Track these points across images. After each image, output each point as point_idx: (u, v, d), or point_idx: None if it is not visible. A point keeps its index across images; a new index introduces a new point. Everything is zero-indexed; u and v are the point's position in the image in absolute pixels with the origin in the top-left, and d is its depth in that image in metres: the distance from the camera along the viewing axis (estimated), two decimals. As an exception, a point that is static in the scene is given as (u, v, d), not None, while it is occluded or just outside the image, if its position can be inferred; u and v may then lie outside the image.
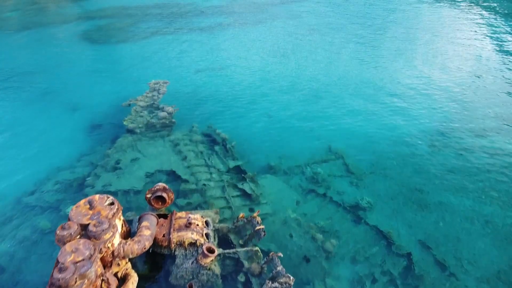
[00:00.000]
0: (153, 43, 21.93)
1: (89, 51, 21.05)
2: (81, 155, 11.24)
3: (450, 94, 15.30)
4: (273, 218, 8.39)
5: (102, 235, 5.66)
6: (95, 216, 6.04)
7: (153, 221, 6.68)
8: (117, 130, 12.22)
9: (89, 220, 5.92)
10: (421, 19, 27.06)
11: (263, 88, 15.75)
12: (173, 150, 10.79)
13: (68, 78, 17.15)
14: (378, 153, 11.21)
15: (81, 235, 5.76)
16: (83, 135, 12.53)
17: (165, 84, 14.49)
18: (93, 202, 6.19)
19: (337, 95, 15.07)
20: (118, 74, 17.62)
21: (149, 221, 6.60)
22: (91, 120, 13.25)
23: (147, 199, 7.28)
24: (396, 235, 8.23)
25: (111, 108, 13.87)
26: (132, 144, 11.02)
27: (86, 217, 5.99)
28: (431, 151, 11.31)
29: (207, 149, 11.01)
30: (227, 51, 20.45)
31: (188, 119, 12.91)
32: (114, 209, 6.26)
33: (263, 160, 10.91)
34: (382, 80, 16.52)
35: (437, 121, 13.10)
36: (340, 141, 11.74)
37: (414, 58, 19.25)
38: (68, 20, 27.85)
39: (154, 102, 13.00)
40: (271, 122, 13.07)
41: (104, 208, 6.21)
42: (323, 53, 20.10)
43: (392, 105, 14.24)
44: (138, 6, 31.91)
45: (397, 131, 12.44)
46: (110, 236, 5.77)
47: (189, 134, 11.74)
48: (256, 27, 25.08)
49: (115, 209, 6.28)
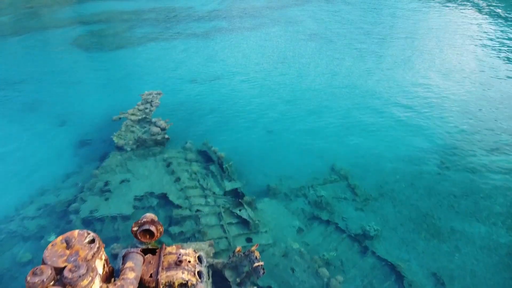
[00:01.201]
0: (148, 50, 21.45)
1: (81, 58, 20.56)
2: (67, 175, 10.71)
3: (461, 105, 14.73)
4: (273, 250, 7.83)
5: (79, 282, 5.08)
6: (72, 257, 5.46)
7: (138, 260, 6.10)
8: (106, 146, 11.69)
9: (65, 263, 5.35)
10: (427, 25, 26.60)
11: (262, 99, 15.23)
12: (165, 170, 10.24)
13: (57, 88, 16.64)
14: (384, 173, 10.66)
15: (55, 280, 5.19)
16: (70, 152, 11.99)
17: (158, 95, 13.94)
18: (71, 240, 5.61)
19: (341, 107, 14.54)
20: (110, 83, 17.13)
21: (134, 261, 6.02)
22: (80, 135, 12.72)
23: (133, 233, 6.71)
24: (407, 268, 7.66)
25: (101, 122, 13.34)
26: (121, 163, 10.47)
27: (62, 259, 5.41)
28: (442, 170, 10.76)
29: (202, 168, 10.47)
30: (225, 59, 19.92)
31: (182, 135, 12.38)
32: (95, 248, 5.68)
33: (262, 181, 10.36)
34: (388, 91, 15.99)
35: (447, 135, 12.56)
36: (344, 159, 11.20)
37: (421, 67, 18.73)
38: (61, 25, 27.42)
39: (146, 116, 12.47)
40: (270, 138, 12.53)
41: (83, 247, 5.63)
42: (325, 60, 19.58)
43: (399, 119, 13.70)
44: (134, 10, 31.51)
45: (404, 147, 11.91)
46: (89, 282, 5.18)
47: (183, 151, 11.21)
48: (254, 33, 24.60)
49: (96, 247, 5.69)
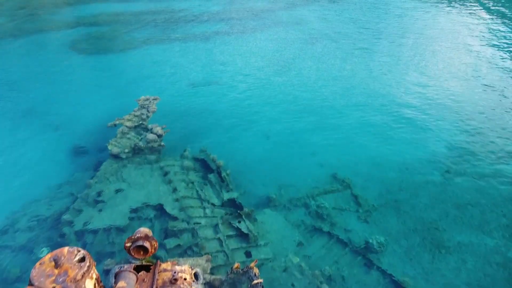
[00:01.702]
0: (145, 53, 21.24)
1: (77, 62, 20.33)
2: (60, 183, 10.47)
3: (467, 109, 14.49)
4: (273, 264, 7.58)
5: (67, 305, 4.85)
6: (61, 278, 5.19)
7: (131, 280, 5.83)
8: (101, 154, 11.46)
9: (53, 283, 5.09)
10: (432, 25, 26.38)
11: (262, 104, 15.00)
12: (162, 180, 9.99)
13: (53, 92, 16.42)
14: (388, 182, 10.42)
15: (43, 303, 4.96)
16: (64, 159, 11.76)
17: (155, 100, 13.69)
18: (60, 258, 5.32)
19: (343, 112, 14.32)
20: (107, 88, 16.89)
21: (126, 280, 5.76)
22: (74, 142, 12.49)
23: (126, 249, 6.43)
24: (412, 285, 7.40)
25: (97, 128, 13.11)
26: (116, 172, 10.22)
27: (49, 279, 5.11)
28: (447, 179, 10.52)
29: (200, 178, 10.22)
30: (224, 63, 19.69)
31: (180, 142, 12.15)
32: (85, 267, 5.39)
33: (262, 190, 10.13)
34: (391, 94, 15.77)
35: (452, 141, 12.33)
36: (347, 167, 10.96)
37: (426, 68, 18.51)
38: (58, 27, 27.22)
39: (142, 122, 12.22)
40: (270, 144, 12.30)
41: (72, 266, 5.33)
42: (327, 64, 19.38)
43: (402, 123, 13.47)
44: (132, 12, 31.33)
45: (408, 154, 11.67)
46: (77, 305, 4.96)
47: (180, 159, 10.96)
48: (255, 35, 24.41)
49: (86, 266, 5.40)
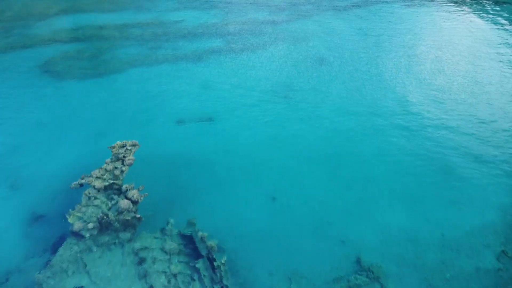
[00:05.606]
0: (129, 79, 19.31)
1: (47, 89, 18.30)
2: (8, 272, 8.60)
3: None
4: None
5: None
6: None
7: None
8: (62, 226, 9.56)
9: None
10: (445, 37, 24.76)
11: (265, 149, 13.02)
12: (135, 272, 8.10)
13: (9, 135, 14.24)
14: (428, 269, 8.55)
15: None
16: (17, 233, 9.93)
17: (133, 147, 11.80)
18: None
19: (364, 163, 12.25)
20: (79, 126, 14.87)
21: None
22: (31, 206, 10.67)
23: None
24: None
25: (60, 185, 11.23)
26: (76, 259, 8.33)
27: None
28: (504, 265, 8.65)
29: (186, 267, 8.32)
30: (218, 90, 17.66)
31: (162, 206, 10.32)
32: None
33: (266, 282, 8.23)
34: (421, 134, 13.91)
35: (500, 208, 10.49)
36: (373, 247, 9.08)
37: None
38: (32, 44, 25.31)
39: (114, 182, 10.34)
40: (276, 210, 10.39)
41: None
42: (341, 91, 17.26)
43: (442, 183, 11.55)
44: (117, 25, 29.58)
45: (452, 227, 9.78)
46: None
47: (161, 237, 9.09)
48: (254, 55, 22.52)
49: None
